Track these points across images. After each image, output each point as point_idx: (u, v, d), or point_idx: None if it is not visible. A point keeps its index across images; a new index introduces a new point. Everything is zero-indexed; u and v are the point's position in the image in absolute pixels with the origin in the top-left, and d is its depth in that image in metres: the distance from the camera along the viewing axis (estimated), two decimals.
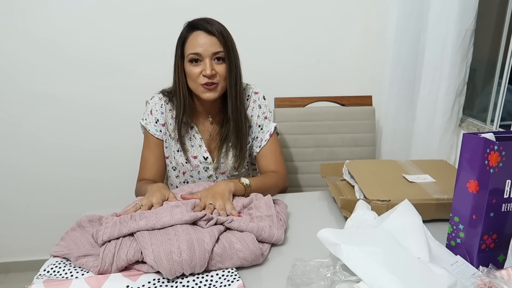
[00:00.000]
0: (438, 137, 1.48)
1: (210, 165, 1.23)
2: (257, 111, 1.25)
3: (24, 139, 1.84)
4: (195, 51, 1.08)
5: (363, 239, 0.74)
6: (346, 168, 1.15)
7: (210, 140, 1.23)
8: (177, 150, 1.22)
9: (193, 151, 1.22)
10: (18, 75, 1.75)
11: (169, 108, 1.21)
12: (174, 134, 1.20)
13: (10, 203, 1.94)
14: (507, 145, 0.72)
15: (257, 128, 1.26)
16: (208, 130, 1.23)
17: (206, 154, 1.22)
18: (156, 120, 1.21)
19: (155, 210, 0.88)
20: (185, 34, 1.11)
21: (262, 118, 1.25)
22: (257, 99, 1.25)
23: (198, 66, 1.09)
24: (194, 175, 1.24)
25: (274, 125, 1.27)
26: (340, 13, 1.83)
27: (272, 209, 0.95)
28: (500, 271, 0.63)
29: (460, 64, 1.39)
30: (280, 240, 0.88)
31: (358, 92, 1.78)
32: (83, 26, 1.71)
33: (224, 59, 1.10)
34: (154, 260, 0.75)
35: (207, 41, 1.08)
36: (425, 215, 0.86)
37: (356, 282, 0.66)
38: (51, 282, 0.73)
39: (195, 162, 1.22)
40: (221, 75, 1.10)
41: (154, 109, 1.22)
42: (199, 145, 1.22)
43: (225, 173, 1.25)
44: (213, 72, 1.09)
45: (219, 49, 1.09)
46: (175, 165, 1.24)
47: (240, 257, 0.79)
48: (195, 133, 1.22)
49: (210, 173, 1.24)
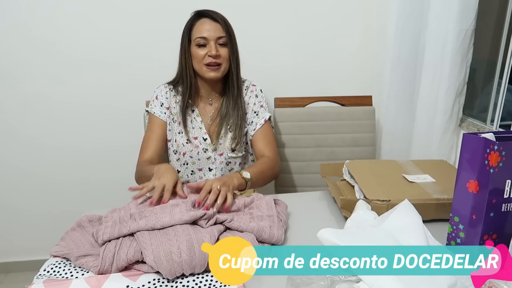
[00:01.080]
0: (438, 137, 1.48)
1: (209, 147, 1.30)
2: (254, 99, 1.36)
3: (24, 139, 1.84)
4: (201, 35, 1.22)
5: (363, 239, 0.74)
6: (346, 168, 1.15)
7: (210, 124, 1.33)
8: (179, 132, 1.31)
9: (194, 132, 1.31)
10: (17, 75, 1.75)
11: (173, 94, 1.33)
12: (177, 117, 1.31)
13: (10, 203, 1.93)
14: (507, 145, 0.72)
15: (252, 114, 1.36)
16: (209, 114, 1.33)
17: (205, 135, 1.31)
18: (161, 104, 1.32)
19: (155, 210, 0.88)
20: (192, 21, 1.25)
21: (258, 106, 1.36)
22: (254, 90, 1.37)
23: (203, 49, 1.22)
24: (193, 155, 1.30)
25: (269, 114, 1.37)
26: (340, 12, 1.83)
27: (273, 209, 0.95)
28: None
29: (460, 64, 1.39)
30: (280, 240, 0.89)
31: (358, 91, 1.78)
32: (82, 26, 1.71)
33: (227, 43, 1.23)
34: (154, 261, 0.75)
35: (212, 27, 1.22)
36: (425, 215, 0.86)
37: (356, 282, 0.66)
38: (51, 282, 0.73)
39: (195, 142, 1.30)
40: (224, 57, 1.23)
41: (159, 95, 1.33)
42: (199, 127, 1.31)
43: (222, 154, 1.31)
44: (218, 53, 1.21)
45: (223, 34, 1.22)
46: (176, 148, 1.31)
47: None
48: (196, 115, 1.32)
49: (209, 155, 1.31)
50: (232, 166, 1.35)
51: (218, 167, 1.32)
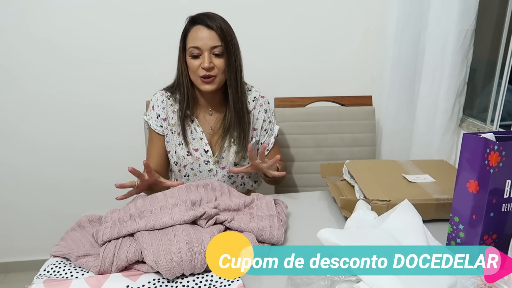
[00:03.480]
0: (439, 137, 1.48)
1: (210, 159, 1.24)
2: (263, 115, 1.29)
3: (24, 139, 1.84)
4: (194, 44, 1.13)
5: (363, 239, 0.74)
6: (346, 168, 1.15)
7: (212, 134, 1.26)
8: (179, 143, 1.24)
9: (194, 143, 1.24)
10: (18, 75, 1.75)
11: (171, 103, 1.24)
12: (175, 128, 1.24)
13: (10, 203, 1.93)
14: (507, 145, 0.72)
15: (263, 133, 1.30)
16: (209, 124, 1.26)
17: (207, 147, 1.24)
18: (157, 116, 1.24)
19: (154, 210, 0.88)
20: (187, 28, 1.17)
21: (268, 123, 1.30)
22: (263, 103, 1.30)
23: (197, 59, 1.14)
24: (194, 167, 1.25)
25: (277, 127, 1.33)
26: (340, 13, 1.83)
27: (273, 210, 0.95)
28: None
29: (460, 64, 1.39)
30: (280, 240, 0.89)
31: (358, 92, 1.78)
32: (82, 26, 1.71)
33: (223, 53, 1.14)
34: (154, 261, 0.75)
35: (206, 35, 1.12)
36: (425, 215, 0.86)
37: (356, 282, 0.66)
38: (51, 282, 0.73)
39: (196, 154, 1.24)
40: (219, 68, 1.14)
41: (155, 105, 1.25)
42: (200, 138, 1.24)
43: (225, 168, 1.26)
44: (211, 65, 1.13)
45: (218, 43, 1.12)
46: (176, 160, 1.25)
47: None
48: (196, 126, 1.24)
49: (210, 167, 1.25)
50: (235, 179, 1.30)
51: (220, 180, 1.26)
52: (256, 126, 1.28)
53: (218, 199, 0.99)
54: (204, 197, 0.96)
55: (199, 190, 1.00)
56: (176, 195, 0.96)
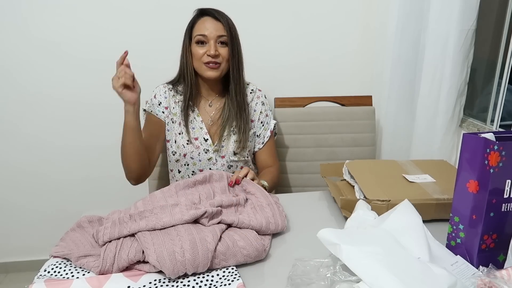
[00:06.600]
0: (439, 138, 1.48)
1: (210, 147, 1.28)
2: (260, 107, 1.35)
3: (24, 139, 1.84)
4: (202, 33, 1.20)
5: (363, 239, 0.75)
6: (346, 168, 1.15)
7: (211, 125, 1.30)
8: (179, 132, 1.28)
9: (194, 133, 1.29)
10: (18, 75, 1.75)
11: (172, 94, 1.30)
12: (176, 117, 1.29)
13: (10, 203, 1.93)
14: (507, 145, 0.72)
15: (259, 125, 1.34)
16: (209, 114, 1.31)
17: (206, 136, 1.28)
18: (159, 103, 1.30)
19: (155, 210, 0.88)
20: (195, 19, 1.24)
21: (264, 115, 1.36)
22: (261, 96, 1.36)
23: (203, 47, 1.21)
24: (194, 156, 1.28)
25: (274, 122, 1.38)
26: (340, 12, 1.83)
27: (269, 198, 0.98)
28: (500, 271, 0.63)
29: (461, 64, 1.38)
30: (284, 227, 0.92)
31: (358, 91, 1.78)
32: (82, 25, 1.71)
33: (227, 43, 1.21)
34: (157, 260, 0.75)
35: (213, 25, 1.20)
36: (425, 215, 0.86)
37: (356, 282, 0.66)
38: (52, 282, 0.73)
39: (196, 143, 1.28)
40: (224, 57, 1.21)
41: (158, 94, 1.31)
42: (199, 127, 1.29)
43: (224, 157, 1.29)
44: (217, 53, 1.19)
45: (224, 33, 1.20)
46: (176, 149, 1.29)
47: (244, 254, 0.80)
48: (196, 115, 1.29)
49: (210, 156, 1.29)
50: (234, 169, 1.32)
51: (219, 168, 1.29)
52: (253, 117, 1.33)
53: (216, 194, 0.99)
54: (203, 194, 0.96)
55: (197, 186, 1.00)
56: (174, 195, 0.96)
